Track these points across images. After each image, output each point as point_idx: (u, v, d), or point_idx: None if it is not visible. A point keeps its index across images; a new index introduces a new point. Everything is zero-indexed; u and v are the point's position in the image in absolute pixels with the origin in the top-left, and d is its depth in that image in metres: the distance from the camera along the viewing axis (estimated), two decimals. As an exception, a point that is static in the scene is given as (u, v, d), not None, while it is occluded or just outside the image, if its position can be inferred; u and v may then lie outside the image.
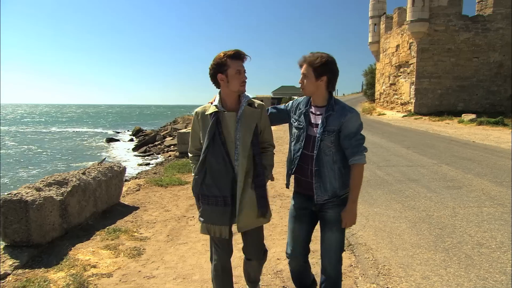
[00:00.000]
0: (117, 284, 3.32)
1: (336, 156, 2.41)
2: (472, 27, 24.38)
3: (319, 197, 2.43)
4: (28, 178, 15.33)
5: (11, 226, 3.96)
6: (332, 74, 2.41)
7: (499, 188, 6.25)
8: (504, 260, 3.61)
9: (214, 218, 2.40)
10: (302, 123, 2.49)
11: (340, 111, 2.40)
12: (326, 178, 2.41)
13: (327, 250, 2.51)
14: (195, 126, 2.52)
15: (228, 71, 2.34)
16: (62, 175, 4.84)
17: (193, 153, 2.58)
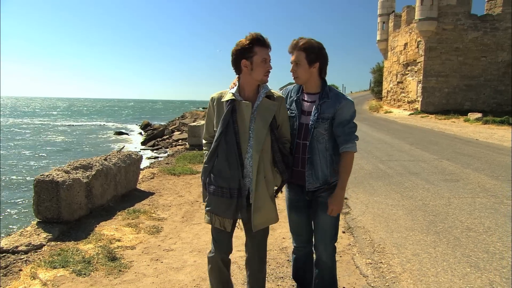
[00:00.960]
0: (140, 255, 3.74)
1: (329, 143, 2.39)
2: (480, 26, 24.42)
3: (311, 185, 2.41)
4: (36, 169, 15.85)
5: (44, 204, 4.40)
6: (324, 60, 2.39)
7: (494, 182, 6.58)
8: (488, 241, 3.98)
9: (218, 208, 2.31)
10: (294, 111, 2.45)
11: (334, 98, 2.38)
12: (318, 166, 2.39)
13: (322, 235, 2.49)
14: (210, 112, 2.42)
15: (254, 58, 2.21)
16: (86, 160, 5.28)
17: (207, 139, 2.48)
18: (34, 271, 3.26)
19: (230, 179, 2.26)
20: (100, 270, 3.34)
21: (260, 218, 2.32)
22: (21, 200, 10.48)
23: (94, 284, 3.10)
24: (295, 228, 2.64)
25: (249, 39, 2.21)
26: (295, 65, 2.37)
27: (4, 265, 3.50)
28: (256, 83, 2.29)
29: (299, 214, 2.57)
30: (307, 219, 2.57)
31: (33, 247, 3.89)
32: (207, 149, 2.44)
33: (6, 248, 3.82)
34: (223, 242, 2.43)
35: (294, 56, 2.36)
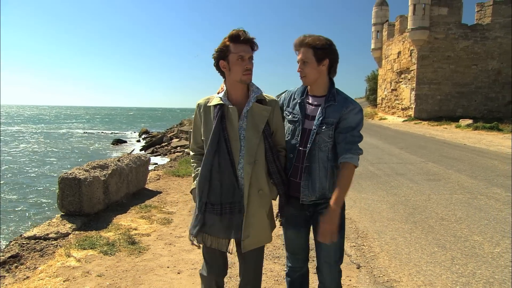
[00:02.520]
0: (155, 241, 4.32)
1: (332, 153, 2.13)
2: (471, 35, 25.25)
3: (306, 197, 2.15)
4: (35, 176, 16.37)
5: (67, 199, 4.98)
6: (334, 56, 2.14)
7: (472, 181, 7.20)
8: (457, 228, 4.58)
9: (210, 227, 2.05)
10: (297, 115, 2.19)
11: (342, 102, 2.12)
12: (316, 176, 2.13)
13: (325, 256, 2.21)
14: (196, 120, 2.18)
15: (230, 57, 2.00)
16: (102, 161, 5.87)
17: (195, 151, 2.26)
18: (67, 251, 3.83)
19: (222, 194, 2.02)
20: (123, 251, 3.92)
21: (252, 237, 2.08)
22: (31, 199, 11.03)
23: (120, 261, 3.68)
24: (292, 247, 2.33)
25: (224, 39, 2.02)
26: (302, 63, 2.12)
27: (39, 248, 4.08)
28: (239, 85, 2.06)
29: (297, 231, 2.28)
30: (306, 237, 2.32)
31: (61, 235, 4.46)
32: (195, 161, 2.24)
33: (39, 235, 4.39)
34: (216, 263, 2.21)
35: (300, 53, 2.12)
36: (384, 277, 3.37)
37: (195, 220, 2.09)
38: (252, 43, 2.03)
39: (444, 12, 25.09)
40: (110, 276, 3.37)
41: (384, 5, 32.74)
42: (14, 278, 3.42)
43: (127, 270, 3.50)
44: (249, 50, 2.02)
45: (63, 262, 3.61)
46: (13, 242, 4.37)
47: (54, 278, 3.30)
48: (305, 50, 2.10)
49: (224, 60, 2.03)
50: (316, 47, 2.08)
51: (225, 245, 2.10)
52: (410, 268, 3.52)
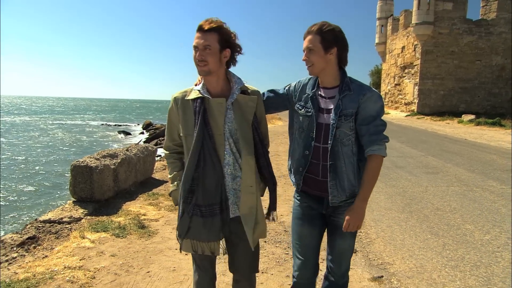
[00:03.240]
0: (163, 225, 4.56)
1: (356, 146, 2.01)
2: (475, 30, 25.29)
3: (335, 198, 2.02)
4: (43, 167, 16.68)
5: (79, 186, 5.22)
6: (343, 44, 2.00)
7: (469, 174, 7.40)
8: (451, 218, 4.79)
9: (199, 233, 1.93)
10: (311, 110, 2.05)
11: (357, 90, 1.99)
12: (343, 174, 2.00)
13: (337, 259, 2.16)
14: (172, 116, 2.03)
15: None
16: (112, 150, 6.11)
17: (170, 149, 2.11)
18: (82, 233, 4.08)
19: (209, 194, 1.91)
20: (133, 234, 4.16)
21: (259, 231, 2.03)
22: (36, 187, 11.32)
23: (131, 243, 3.92)
24: (303, 247, 2.16)
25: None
26: (308, 51, 1.99)
27: (54, 231, 4.33)
28: (213, 77, 1.93)
29: (312, 229, 2.15)
30: (319, 238, 2.18)
31: (74, 219, 4.71)
32: (171, 160, 2.11)
33: (53, 219, 4.64)
34: (208, 269, 2.11)
35: (306, 41, 1.99)
36: (379, 260, 3.60)
37: (182, 225, 1.95)
38: (206, 29, 1.83)
39: (449, 7, 25.10)
40: (123, 256, 3.61)
41: (389, 0, 32.70)
42: (33, 257, 3.67)
43: (138, 251, 3.74)
44: (204, 38, 1.83)
45: (78, 243, 3.86)
46: (29, 226, 4.62)
47: (71, 257, 3.54)
48: (312, 37, 1.97)
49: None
50: (323, 34, 1.95)
51: (218, 248, 1.98)
52: (404, 253, 3.75)
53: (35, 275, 3.16)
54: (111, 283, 3.08)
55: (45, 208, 8.65)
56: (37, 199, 10.25)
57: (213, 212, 1.91)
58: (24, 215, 8.62)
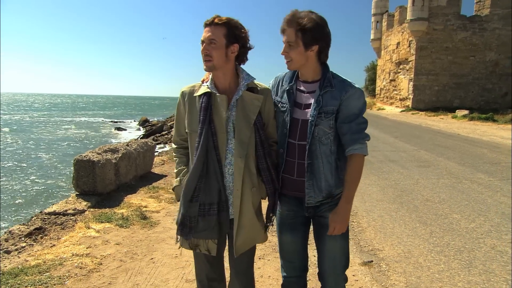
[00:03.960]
0: (164, 217, 4.75)
1: (334, 145, 1.93)
2: (469, 26, 25.49)
3: (312, 199, 1.93)
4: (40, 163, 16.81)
5: (82, 179, 5.40)
6: (325, 42, 1.89)
7: (460, 167, 7.64)
8: (439, 208, 5.02)
9: (199, 230, 1.89)
10: (286, 104, 1.97)
11: (339, 86, 1.89)
12: (320, 174, 1.91)
13: (331, 265, 2.00)
14: (180, 110, 2.00)
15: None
16: (113, 145, 6.30)
17: (178, 143, 2.08)
18: (87, 224, 4.27)
19: (209, 193, 1.87)
20: (136, 225, 4.36)
21: (245, 237, 1.93)
22: (37, 182, 11.49)
23: (134, 233, 4.12)
24: (287, 253, 2.11)
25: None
26: (287, 46, 1.88)
27: (60, 222, 4.52)
28: (220, 72, 1.89)
29: (294, 235, 2.06)
30: (303, 242, 2.10)
31: (78, 211, 4.89)
32: (178, 155, 2.07)
33: (58, 211, 4.82)
34: (211, 268, 2.04)
35: (286, 35, 1.86)
36: (369, 246, 3.82)
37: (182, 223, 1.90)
38: (210, 23, 1.82)
39: (443, 3, 25.28)
40: (127, 244, 3.81)
41: (385, -4, 32.87)
42: (41, 246, 3.86)
43: (141, 240, 3.94)
44: (211, 31, 1.81)
45: (84, 233, 4.05)
46: (35, 218, 4.80)
47: (78, 245, 3.74)
48: (292, 32, 1.83)
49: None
50: (304, 30, 1.81)
51: (214, 249, 1.93)
52: (393, 240, 3.97)
53: (45, 261, 3.35)
54: (117, 269, 3.28)
55: (43, 203, 8.82)
56: (35, 194, 10.41)
57: (211, 211, 1.88)
58: (24, 209, 8.79)
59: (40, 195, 10.19)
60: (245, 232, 1.92)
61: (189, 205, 1.86)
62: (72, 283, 3.00)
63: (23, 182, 11.98)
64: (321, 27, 1.84)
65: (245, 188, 1.89)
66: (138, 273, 3.22)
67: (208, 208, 1.88)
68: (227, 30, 1.82)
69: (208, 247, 1.93)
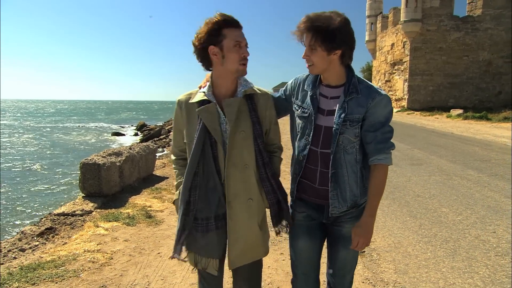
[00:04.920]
0: (168, 215, 5.00)
1: (359, 154, 1.84)
2: (462, 27, 25.88)
3: (336, 209, 1.84)
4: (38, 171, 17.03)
5: (88, 182, 5.65)
6: (349, 45, 1.78)
7: (451, 165, 7.92)
8: (429, 203, 5.28)
9: (197, 247, 1.83)
10: (308, 110, 1.87)
11: (366, 93, 1.79)
12: (345, 183, 1.83)
13: (340, 272, 1.99)
14: (177, 119, 1.91)
15: (224, 42, 1.73)
16: (117, 149, 6.54)
17: (177, 155, 1.99)
18: (96, 223, 4.51)
19: (207, 207, 1.80)
20: (142, 223, 4.60)
21: (239, 251, 1.84)
22: (41, 186, 11.70)
23: (140, 230, 4.36)
24: (303, 262, 2.00)
25: (214, 20, 1.73)
26: (308, 49, 1.77)
27: (69, 222, 4.76)
28: (232, 76, 1.81)
29: (311, 241, 1.97)
30: (319, 250, 2.02)
31: (86, 212, 5.14)
32: (177, 167, 1.98)
33: (67, 212, 5.07)
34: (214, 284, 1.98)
35: (307, 38, 1.75)
36: (362, 239, 4.07)
37: (180, 238, 1.82)
38: (241, 27, 1.80)
39: (436, 4, 25.66)
40: (135, 241, 4.05)
41: (378, -2, 33.28)
42: (54, 244, 4.10)
43: (148, 237, 4.18)
44: (243, 35, 1.78)
45: (93, 231, 4.29)
46: (44, 219, 5.04)
47: (88, 242, 3.98)
48: (313, 35, 1.72)
49: (216, 46, 1.74)
50: (327, 33, 1.69)
51: (215, 267, 1.85)
52: (384, 232, 4.23)
53: (59, 257, 3.59)
54: (127, 262, 3.53)
55: (45, 206, 9.05)
56: (38, 198, 10.64)
57: (208, 227, 1.80)
58: (29, 212, 9.01)
59: (37, 200, 10.40)
60: (240, 245, 1.82)
61: (184, 219, 1.80)
62: (86, 276, 3.25)
63: (23, 187, 12.20)
64: (345, 30, 1.73)
65: (239, 199, 1.81)
66: (147, 266, 3.47)
67: (206, 223, 1.80)
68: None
69: (208, 265, 1.84)
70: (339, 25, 1.69)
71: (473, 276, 3.17)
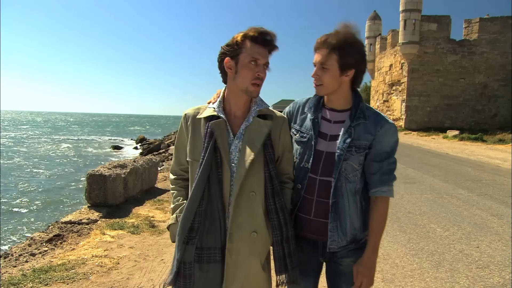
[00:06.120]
0: (170, 226, 5.24)
1: (360, 183, 1.74)
2: (459, 50, 26.52)
3: (335, 243, 1.71)
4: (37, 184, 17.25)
5: (94, 192, 5.91)
6: (362, 67, 1.72)
7: (443, 184, 8.20)
8: (419, 219, 5.55)
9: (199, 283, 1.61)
10: (307, 134, 1.76)
11: (374, 119, 1.72)
12: (346, 215, 1.70)
13: None
14: (181, 136, 1.76)
15: (240, 57, 1.59)
16: (122, 161, 6.83)
17: (177, 174, 1.80)
18: (102, 231, 4.76)
19: (209, 235, 1.60)
20: (146, 232, 4.85)
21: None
22: (43, 199, 11.93)
23: (145, 239, 4.61)
24: None
25: (242, 33, 1.61)
26: (319, 68, 1.68)
27: (76, 230, 5.01)
28: (242, 94, 1.66)
29: (307, 280, 1.82)
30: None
31: (92, 221, 5.38)
32: (176, 188, 1.79)
33: (73, 220, 5.32)
34: None
35: (320, 55, 1.67)
36: (353, 251, 4.33)
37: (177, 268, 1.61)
38: (272, 46, 1.64)
39: (434, 27, 26.36)
40: (139, 248, 4.30)
41: (377, 19, 34.13)
42: (62, 249, 4.35)
43: (151, 245, 4.43)
44: (267, 54, 1.62)
45: (100, 238, 4.54)
46: (51, 227, 5.29)
47: (96, 249, 4.22)
48: (327, 53, 1.64)
49: (232, 59, 1.61)
50: (343, 52, 1.63)
51: None
52: (375, 245, 4.48)
53: (69, 261, 3.84)
54: (133, 267, 3.77)
55: (48, 218, 9.28)
56: (37, 211, 10.86)
57: (211, 258, 1.59)
58: (30, 222, 9.24)
59: (37, 213, 10.62)
60: (237, 282, 1.60)
61: (184, 248, 1.58)
62: (95, 278, 3.49)
63: (25, 199, 12.42)
64: (360, 50, 1.68)
65: (241, 232, 1.61)
66: (151, 270, 3.71)
67: (208, 254, 1.59)
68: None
69: None
70: (356, 44, 1.66)
71: (454, 285, 3.43)
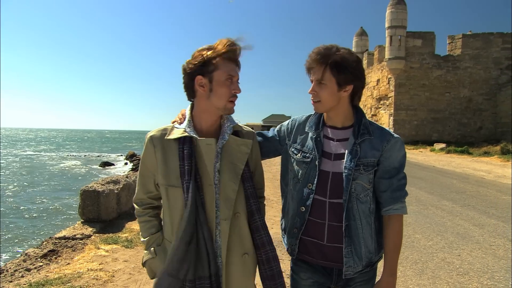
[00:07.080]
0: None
1: (373, 202, 1.67)
2: (443, 65, 27.23)
3: (351, 269, 1.61)
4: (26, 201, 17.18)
5: (87, 208, 6.01)
6: (361, 82, 1.67)
7: (428, 196, 8.44)
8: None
9: None
10: (311, 154, 1.68)
11: (378, 134, 1.66)
12: (360, 238, 1.61)
13: None
14: (148, 160, 1.62)
15: (215, 75, 1.52)
16: (114, 177, 6.94)
17: (145, 203, 1.68)
18: (96, 245, 4.86)
19: (198, 264, 1.49)
20: (139, 246, 4.95)
21: None
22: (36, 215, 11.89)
23: (139, 252, 4.72)
24: None
25: (208, 48, 1.54)
26: (316, 84, 1.62)
27: (70, 245, 5.10)
28: (217, 112, 1.60)
29: None
30: None
31: (85, 236, 5.47)
32: (145, 219, 1.67)
33: (67, 236, 5.40)
34: None
35: (316, 71, 1.61)
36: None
37: None
38: (239, 62, 1.59)
39: (419, 43, 27.08)
40: (133, 261, 4.41)
41: (364, 36, 34.92)
42: (58, 264, 4.44)
43: (145, 258, 4.54)
44: (237, 70, 1.58)
45: (95, 253, 4.64)
46: (45, 243, 5.36)
47: (91, 262, 4.33)
48: (324, 68, 1.59)
49: (205, 77, 1.53)
50: (339, 67, 1.57)
51: None
52: (361, 255, 4.66)
53: (65, 275, 3.94)
54: (128, 280, 3.89)
55: (44, 232, 9.29)
56: (27, 228, 10.85)
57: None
58: (25, 237, 9.24)
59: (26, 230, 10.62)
60: None
61: (175, 282, 1.47)
62: (91, 291, 3.60)
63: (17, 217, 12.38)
64: (358, 65, 1.62)
65: (233, 255, 1.56)
66: (146, 283, 3.82)
67: (198, 284, 1.49)
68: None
69: None
70: (353, 58, 1.61)
71: (435, 292, 3.61)
